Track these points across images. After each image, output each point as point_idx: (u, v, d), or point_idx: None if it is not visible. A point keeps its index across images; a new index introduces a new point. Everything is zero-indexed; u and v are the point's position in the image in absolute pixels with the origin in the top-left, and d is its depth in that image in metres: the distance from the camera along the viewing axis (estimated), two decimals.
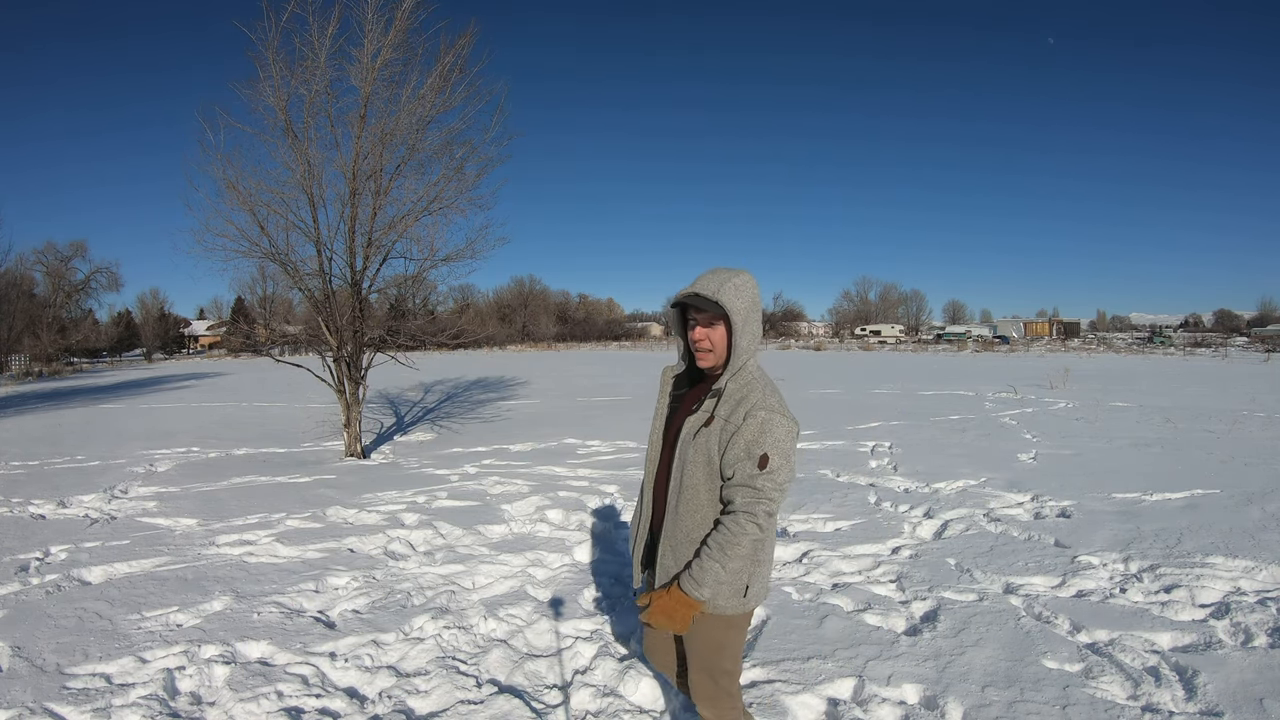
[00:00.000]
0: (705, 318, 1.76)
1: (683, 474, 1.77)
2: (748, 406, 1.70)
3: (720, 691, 1.90)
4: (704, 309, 1.74)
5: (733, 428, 1.69)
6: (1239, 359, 35.82)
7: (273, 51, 7.58)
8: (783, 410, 1.72)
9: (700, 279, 1.77)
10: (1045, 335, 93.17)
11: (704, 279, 1.77)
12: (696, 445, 1.75)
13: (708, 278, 1.77)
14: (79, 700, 2.74)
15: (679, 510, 1.77)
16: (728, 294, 1.73)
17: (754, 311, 1.79)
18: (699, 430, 1.75)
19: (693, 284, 1.77)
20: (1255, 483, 6.18)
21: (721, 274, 1.77)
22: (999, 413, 11.97)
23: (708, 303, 1.73)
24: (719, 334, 1.75)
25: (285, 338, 12.12)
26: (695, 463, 1.74)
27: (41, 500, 6.23)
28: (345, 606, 3.72)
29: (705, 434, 1.73)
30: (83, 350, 48.75)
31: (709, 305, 1.73)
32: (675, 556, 1.79)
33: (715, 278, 1.76)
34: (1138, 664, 2.97)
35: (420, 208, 8.34)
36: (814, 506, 5.64)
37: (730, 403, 1.73)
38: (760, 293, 1.83)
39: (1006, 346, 56.76)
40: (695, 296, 1.74)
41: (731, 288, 1.74)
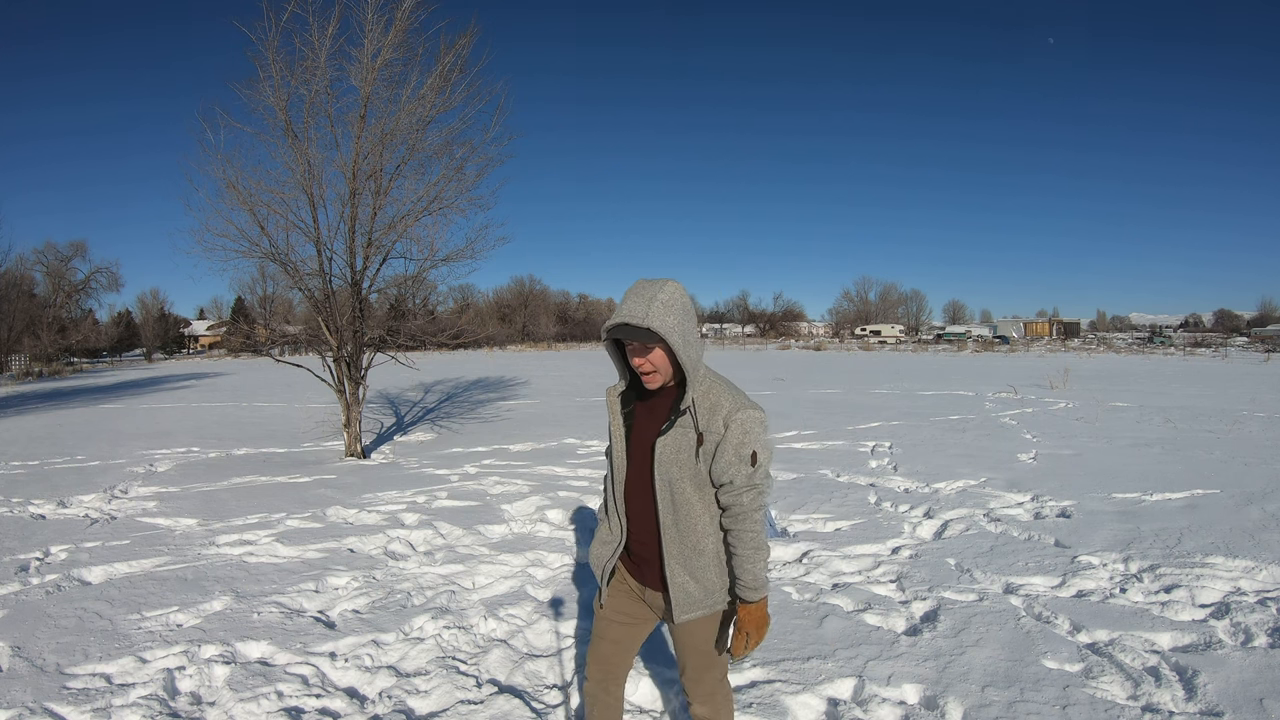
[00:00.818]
0: (639, 345, 1.70)
1: (672, 492, 1.77)
2: (723, 413, 1.73)
3: (718, 686, 1.97)
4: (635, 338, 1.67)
5: (716, 437, 1.73)
6: (1239, 359, 35.82)
7: (273, 51, 7.58)
8: (752, 404, 1.77)
9: (625, 304, 1.68)
10: (1045, 335, 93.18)
11: (629, 303, 1.68)
12: (680, 463, 1.74)
13: (632, 301, 1.68)
14: (79, 700, 2.74)
15: (680, 527, 1.79)
16: (656, 315, 1.66)
17: (688, 321, 1.73)
18: (683, 448, 1.74)
19: (618, 312, 1.68)
20: (1255, 483, 6.18)
21: (646, 291, 1.69)
22: (999, 413, 11.97)
23: (638, 332, 1.66)
24: (659, 355, 1.71)
25: (285, 338, 12.12)
26: (682, 479, 1.75)
27: (41, 500, 6.23)
28: (345, 606, 3.72)
29: (690, 449, 1.74)
30: (83, 350, 48.76)
31: (640, 334, 1.66)
32: (689, 571, 1.81)
33: (640, 299, 1.67)
34: (1138, 664, 2.97)
35: (420, 208, 8.34)
36: (814, 506, 5.64)
37: (704, 414, 1.74)
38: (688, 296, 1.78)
39: (1006, 346, 56.76)
40: (623, 328, 1.66)
41: (660, 306, 1.67)
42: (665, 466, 1.76)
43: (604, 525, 1.98)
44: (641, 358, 1.72)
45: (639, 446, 1.83)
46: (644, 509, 1.85)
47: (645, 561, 1.89)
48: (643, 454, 1.82)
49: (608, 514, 1.96)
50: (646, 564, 1.89)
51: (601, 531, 1.99)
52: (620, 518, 1.90)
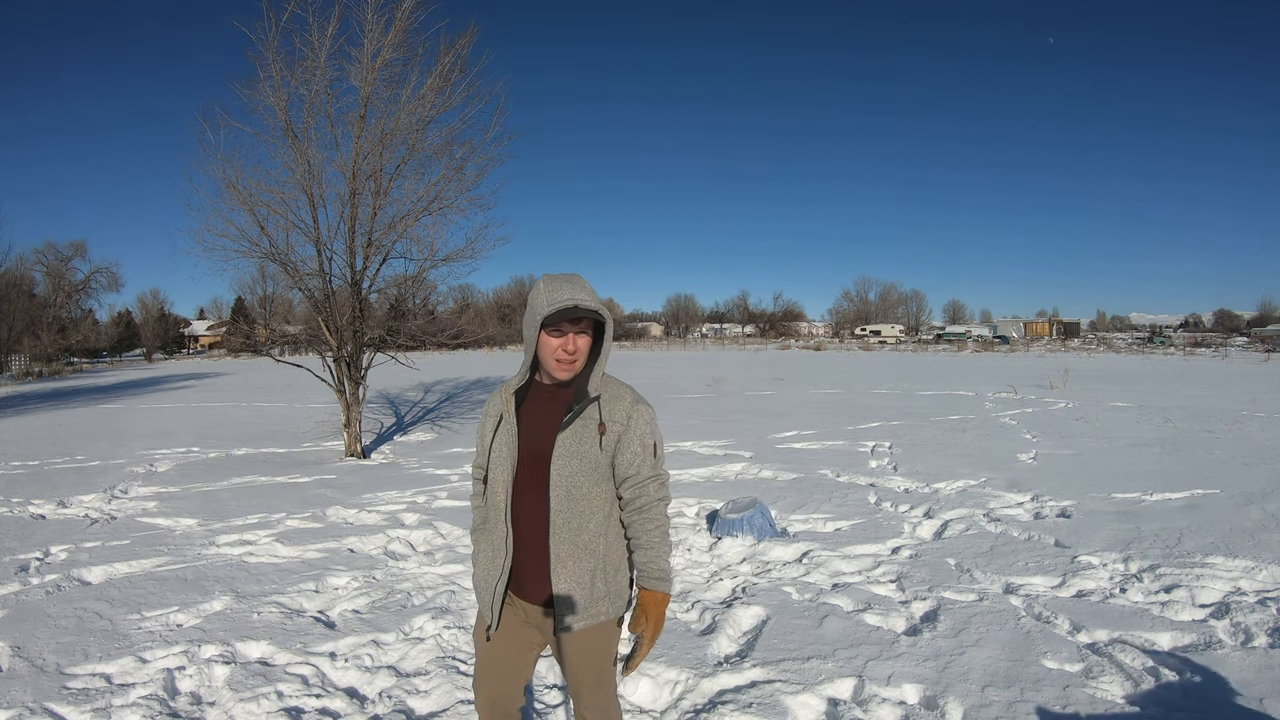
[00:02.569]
0: (579, 327, 1.69)
1: (568, 489, 1.72)
2: (625, 404, 1.77)
3: (612, 698, 1.88)
4: (582, 318, 1.67)
5: (619, 428, 1.74)
6: (1239, 359, 35.83)
7: (273, 51, 7.59)
8: (645, 399, 1.84)
9: (562, 290, 1.66)
10: (1045, 335, 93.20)
11: (568, 288, 1.66)
12: (581, 454, 1.72)
13: (570, 286, 1.67)
14: (79, 700, 2.74)
15: (572, 526, 1.73)
16: (597, 301, 1.70)
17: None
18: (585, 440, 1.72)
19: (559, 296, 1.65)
20: (1255, 483, 6.18)
21: (573, 280, 1.70)
22: (999, 413, 11.97)
23: (588, 312, 1.66)
24: (585, 342, 1.71)
25: (285, 338, 12.12)
26: (579, 474, 1.72)
27: (41, 500, 6.23)
28: (345, 606, 3.72)
29: (592, 441, 1.72)
30: (83, 350, 48.78)
31: (589, 314, 1.66)
32: (578, 575, 1.73)
33: (575, 285, 1.68)
34: (1138, 664, 2.96)
35: (420, 208, 8.35)
36: (814, 506, 5.64)
37: (609, 404, 1.75)
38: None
39: (1006, 346, 56.78)
40: (576, 309, 1.65)
41: (593, 293, 1.70)
42: (564, 460, 1.71)
43: (483, 545, 1.84)
44: (574, 345, 1.69)
45: (532, 444, 1.76)
46: (534, 512, 1.74)
47: (532, 573, 1.76)
48: (537, 451, 1.75)
49: (489, 529, 1.82)
50: (533, 576, 1.76)
51: (482, 552, 1.84)
52: (506, 526, 1.76)
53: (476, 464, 1.92)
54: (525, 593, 1.79)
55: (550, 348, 1.69)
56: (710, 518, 5.35)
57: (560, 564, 1.72)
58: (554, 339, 1.68)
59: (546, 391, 1.79)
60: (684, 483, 6.65)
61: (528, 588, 1.78)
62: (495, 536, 1.80)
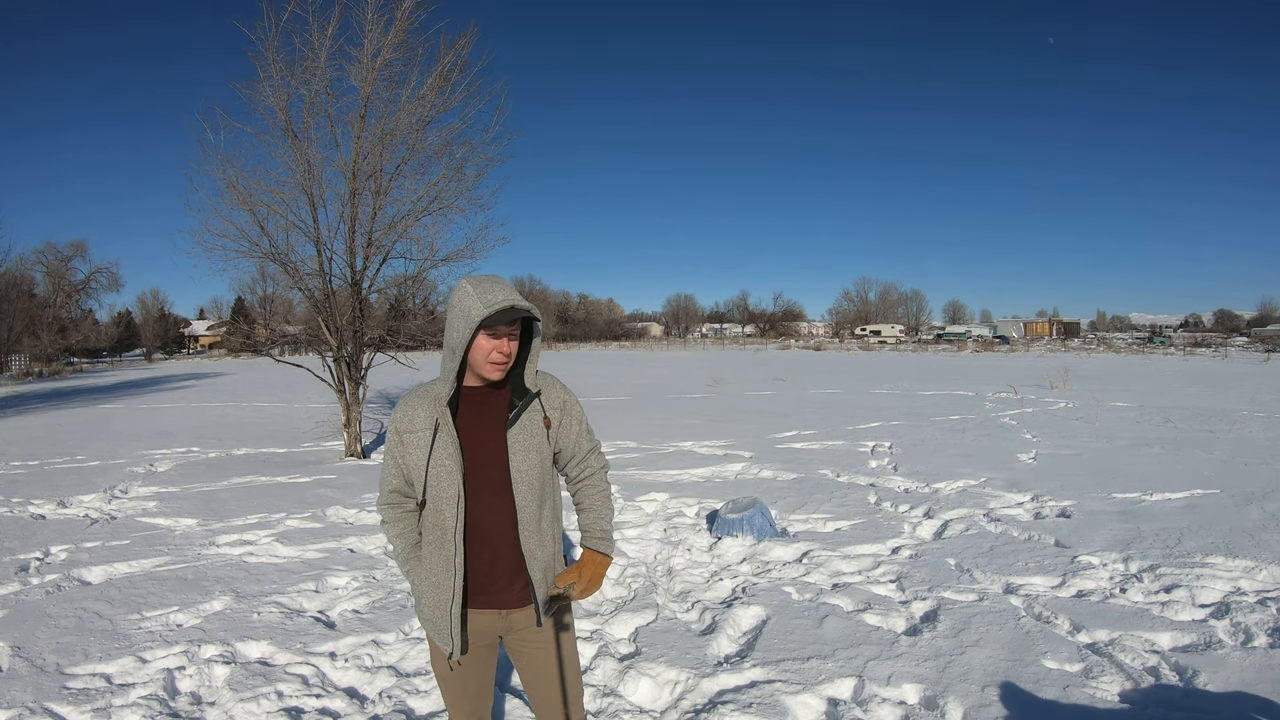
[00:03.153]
0: (511, 330, 1.67)
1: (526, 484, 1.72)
2: (558, 393, 1.82)
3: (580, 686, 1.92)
4: (514, 320, 1.65)
5: (559, 414, 1.81)
6: (1239, 359, 35.82)
7: (273, 51, 7.59)
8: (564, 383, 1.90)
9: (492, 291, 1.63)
10: (1045, 335, 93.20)
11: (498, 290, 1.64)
12: (534, 448, 1.74)
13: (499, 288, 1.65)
14: (79, 700, 2.74)
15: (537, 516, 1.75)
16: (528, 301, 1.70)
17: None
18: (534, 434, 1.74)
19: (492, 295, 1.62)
20: (1255, 483, 6.18)
21: (503, 281, 1.69)
22: (999, 413, 11.97)
23: (523, 312, 1.65)
24: (516, 344, 1.70)
25: (285, 338, 12.11)
26: (537, 465, 1.74)
27: (41, 500, 6.23)
28: (345, 606, 3.72)
29: (540, 434, 1.75)
30: (83, 350, 48.82)
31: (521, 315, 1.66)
32: (544, 565, 1.76)
33: (503, 286, 1.66)
34: (1138, 664, 2.97)
35: (420, 208, 8.35)
36: (814, 506, 5.64)
37: (547, 397, 1.80)
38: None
39: (1006, 346, 56.78)
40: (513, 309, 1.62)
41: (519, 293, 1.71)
42: (521, 456, 1.71)
43: (425, 572, 1.75)
44: (509, 346, 1.67)
45: (479, 449, 1.71)
46: (493, 516, 1.71)
47: (490, 580, 1.73)
48: (486, 455, 1.71)
49: (430, 552, 1.73)
50: (492, 582, 1.73)
51: (427, 579, 1.74)
52: (455, 543, 1.68)
53: (393, 489, 1.79)
54: (483, 600, 1.75)
55: (484, 350, 1.65)
56: (710, 518, 5.35)
57: (532, 557, 1.74)
58: (488, 342, 1.64)
59: (479, 394, 1.74)
60: (684, 483, 6.66)
61: (485, 595, 1.74)
62: (440, 558, 1.70)
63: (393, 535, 1.83)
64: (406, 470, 1.75)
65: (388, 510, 1.82)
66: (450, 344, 1.66)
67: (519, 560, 1.73)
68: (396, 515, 1.82)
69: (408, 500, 1.81)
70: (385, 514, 1.83)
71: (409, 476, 1.76)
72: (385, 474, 1.81)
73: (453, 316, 1.65)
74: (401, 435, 1.73)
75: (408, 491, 1.79)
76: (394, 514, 1.82)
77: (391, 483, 1.79)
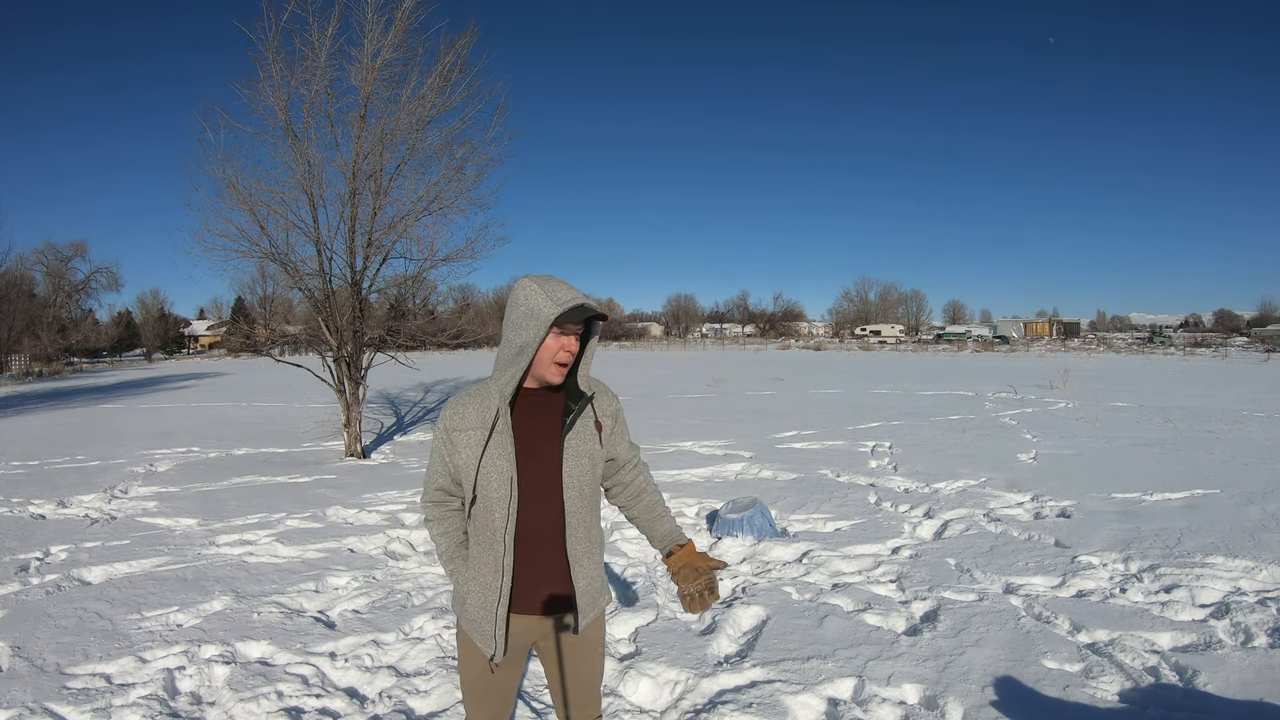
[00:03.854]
0: (575, 328, 1.64)
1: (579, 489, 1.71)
2: (609, 399, 1.81)
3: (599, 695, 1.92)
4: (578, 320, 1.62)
5: (610, 423, 1.80)
6: (1239, 359, 35.83)
7: (273, 51, 7.59)
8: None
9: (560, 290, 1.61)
10: (1045, 335, 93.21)
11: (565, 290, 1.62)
12: (587, 453, 1.73)
13: (568, 287, 1.64)
14: (79, 700, 2.74)
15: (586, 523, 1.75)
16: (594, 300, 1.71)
17: None
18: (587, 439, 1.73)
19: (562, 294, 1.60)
20: (1255, 483, 6.18)
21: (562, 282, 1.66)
22: (999, 413, 11.97)
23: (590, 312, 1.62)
24: (578, 346, 1.68)
25: (285, 338, 12.12)
26: (588, 470, 1.73)
27: (41, 500, 6.23)
28: (345, 606, 3.72)
29: (592, 439, 1.74)
30: (83, 350, 48.79)
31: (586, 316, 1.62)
32: (590, 570, 1.76)
33: (569, 287, 1.64)
34: (1138, 664, 2.97)
35: (420, 208, 8.35)
36: (814, 506, 5.64)
37: (599, 402, 1.78)
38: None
39: (1006, 346, 56.78)
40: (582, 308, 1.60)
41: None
42: (574, 462, 1.69)
43: (472, 570, 1.72)
44: (573, 345, 1.65)
45: (533, 452, 1.68)
46: (543, 520, 1.69)
47: (534, 584, 1.71)
48: (540, 458, 1.68)
49: (479, 553, 1.70)
50: (535, 586, 1.71)
51: (476, 577, 1.71)
52: (505, 545, 1.66)
53: (438, 487, 1.76)
54: (525, 605, 1.72)
55: (551, 350, 1.63)
56: (710, 518, 5.35)
57: (578, 563, 1.73)
58: (554, 341, 1.62)
59: (534, 396, 1.71)
60: (684, 483, 6.65)
61: (528, 599, 1.72)
62: (489, 559, 1.68)
63: (437, 533, 1.80)
64: (455, 469, 1.71)
65: (432, 508, 1.80)
66: (517, 343, 1.61)
67: (565, 565, 1.72)
68: (441, 513, 1.79)
69: (453, 499, 1.79)
70: (429, 511, 1.81)
71: (457, 476, 1.72)
72: (431, 472, 1.77)
73: (519, 315, 1.61)
74: (451, 434, 1.69)
75: (453, 490, 1.77)
76: (439, 512, 1.80)
77: (437, 481, 1.76)
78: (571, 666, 1.80)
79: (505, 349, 1.65)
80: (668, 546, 1.87)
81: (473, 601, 1.71)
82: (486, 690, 1.79)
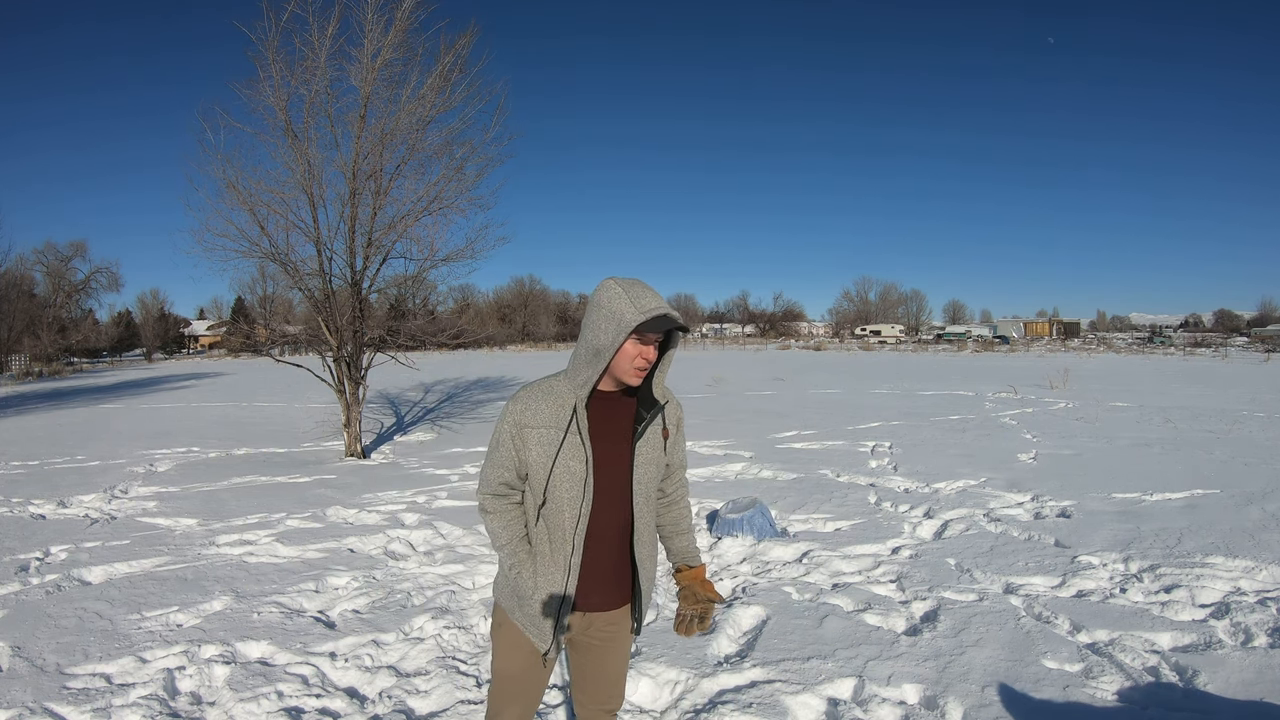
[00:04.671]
0: (655, 337, 1.63)
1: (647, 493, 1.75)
2: (674, 407, 1.81)
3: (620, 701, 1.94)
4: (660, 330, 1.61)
5: (675, 432, 1.81)
6: (1239, 359, 35.82)
7: (273, 51, 7.59)
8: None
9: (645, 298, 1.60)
10: (1045, 335, 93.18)
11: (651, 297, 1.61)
12: (654, 461, 1.74)
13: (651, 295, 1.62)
14: (79, 700, 2.74)
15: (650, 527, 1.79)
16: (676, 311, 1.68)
17: None
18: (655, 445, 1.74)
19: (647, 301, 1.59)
20: (1255, 483, 6.18)
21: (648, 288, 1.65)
22: (999, 413, 11.97)
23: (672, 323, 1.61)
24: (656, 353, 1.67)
25: (285, 338, 12.11)
26: (654, 477, 1.76)
27: (41, 500, 6.23)
28: (345, 606, 3.72)
29: (659, 446, 1.75)
30: (83, 350, 48.78)
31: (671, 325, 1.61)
32: (650, 573, 1.82)
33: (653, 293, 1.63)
34: (1138, 664, 2.97)
35: (420, 208, 8.35)
36: (814, 506, 5.64)
37: (669, 409, 1.79)
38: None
39: (1006, 346, 56.77)
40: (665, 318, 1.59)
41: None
42: (643, 468, 1.71)
43: (538, 566, 1.71)
44: (652, 352, 1.65)
45: (605, 455, 1.68)
46: (610, 523, 1.71)
47: (594, 586, 1.73)
48: (610, 461, 1.69)
49: (546, 551, 1.70)
50: (595, 589, 1.73)
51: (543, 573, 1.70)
52: (575, 544, 1.67)
53: (502, 481, 1.73)
54: (584, 603, 1.74)
55: (630, 356, 1.61)
56: (710, 518, 5.35)
57: (642, 566, 1.78)
58: (635, 348, 1.61)
59: (608, 399, 1.71)
60: None
61: (588, 598, 1.74)
62: (558, 557, 1.68)
63: (497, 526, 1.76)
64: (523, 465, 1.69)
65: (492, 500, 1.76)
66: (595, 345, 1.60)
67: (626, 567, 1.77)
68: (502, 506, 1.76)
69: (514, 493, 1.76)
70: (490, 504, 1.76)
71: (524, 471, 1.70)
72: (495, 464, 1.72)
73: (599, 318, 1.60)
74: (522, 429, 1.66)
75: (516, 485, 1.74)
76: (500, 504, 1.76)
77: (502, 475, 1.72)
78: (611, 660, 1.84)
79: (582, 349, 1.65)
80: (679, 563, 1.91)
81: (537, 599, 1.70)
82: (524, 687, 1.79)
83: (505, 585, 1.77)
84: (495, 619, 1.82)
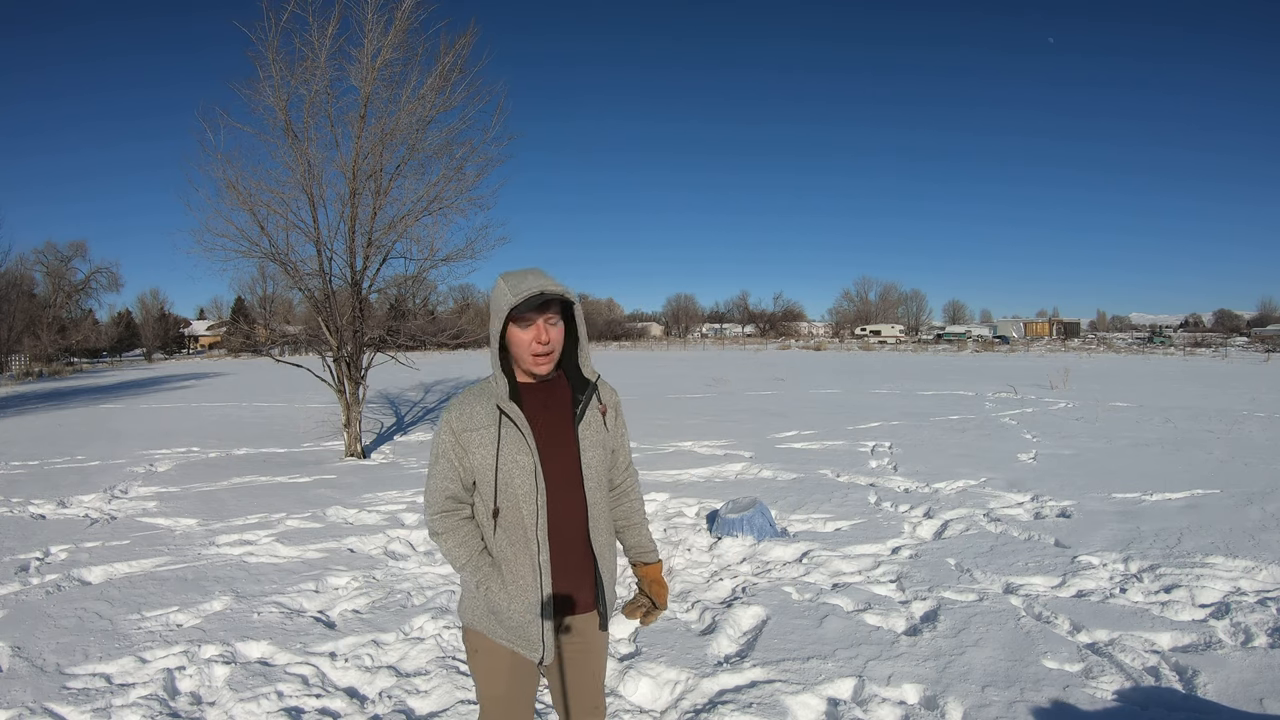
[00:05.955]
0: (550, 317, 1.59)
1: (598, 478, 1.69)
2: (610, 394, 1.77)
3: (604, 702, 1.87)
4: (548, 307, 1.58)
5: (614, 414, 1.76)
6: (1239, 359, 35.82)
7: (273, 51, 7.59)
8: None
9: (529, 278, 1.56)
10: (1045, 335, 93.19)
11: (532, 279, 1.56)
12: (600, 443, 1.69)
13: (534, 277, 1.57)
14: (79, 700, 2.74)
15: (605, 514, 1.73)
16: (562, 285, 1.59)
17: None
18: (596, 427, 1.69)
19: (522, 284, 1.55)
20: (1255, 483, 6.18)
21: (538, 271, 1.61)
22: (999, 413, 11.97)
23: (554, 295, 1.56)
24: (559, 333, 1.61)
25: (285, 338, 12.12)
26: (602, 459, 1.70)
27: (41, 500, 6.23)
28: (345, 606, 3.72)
29: (599, 426, 1.70)
30: (83, 350, 48.77)
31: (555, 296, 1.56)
32: (609, 567, 1.72)
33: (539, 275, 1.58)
34: (1138, 664, 2.97)
35: (420, 208, 8.36)
36: (814, 506, 5.64)
37: (602, 387, 1.74)
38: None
39: (1006, 346, 56.77)
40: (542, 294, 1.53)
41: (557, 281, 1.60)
42: (591, 452, 1.65)
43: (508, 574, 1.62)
44: (547, 335, 1.58)
45: (549, 446, 1.62)
46: (567, 516, 1.64)
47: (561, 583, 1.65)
48: (556, 451, 1.63)
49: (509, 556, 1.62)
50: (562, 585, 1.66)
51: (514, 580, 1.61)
52: (539, 541, 1.60)
53: (448, 496, 1.65)
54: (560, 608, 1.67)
55: (523, 342, 1.58)
56: (710, 518, 5.35)
57: (602, 556, 1.69)
58: (524, 332, 1.58)
59: (540, 389, 1.67)
60: (684, 483, 6.65)
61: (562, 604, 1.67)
62: (524, 559, 1.60)
63: (452, 545, 1.66)
64: (470, 472, 1.63)
65: (442, 519, 1.66)
66: (492, 338, 1.60)
67: (589, 561, 1.68)
68: (454, 523, 1.66)
69: (463, 506, 1.68)
70: (439, 524, 1.66)
71: (470, 479, 1.64)
72: (437, 481, 1.65)
73: (490, 313, 1.62)
74: (459, 436, 1.61)
75: (464, 497, 1.67)
76: (450, 522, 1.66)
77: (447, 489, 1.64)
78: (586, 665, 1.75)
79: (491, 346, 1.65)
80: (634, 559, 1.86)
81: (514, 608, 1.61)
82: (511, 706, 1.70)
83: (474, 606, 1.68)
84: (469, 646, 1.72)
